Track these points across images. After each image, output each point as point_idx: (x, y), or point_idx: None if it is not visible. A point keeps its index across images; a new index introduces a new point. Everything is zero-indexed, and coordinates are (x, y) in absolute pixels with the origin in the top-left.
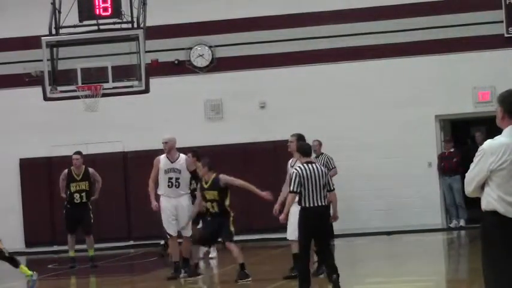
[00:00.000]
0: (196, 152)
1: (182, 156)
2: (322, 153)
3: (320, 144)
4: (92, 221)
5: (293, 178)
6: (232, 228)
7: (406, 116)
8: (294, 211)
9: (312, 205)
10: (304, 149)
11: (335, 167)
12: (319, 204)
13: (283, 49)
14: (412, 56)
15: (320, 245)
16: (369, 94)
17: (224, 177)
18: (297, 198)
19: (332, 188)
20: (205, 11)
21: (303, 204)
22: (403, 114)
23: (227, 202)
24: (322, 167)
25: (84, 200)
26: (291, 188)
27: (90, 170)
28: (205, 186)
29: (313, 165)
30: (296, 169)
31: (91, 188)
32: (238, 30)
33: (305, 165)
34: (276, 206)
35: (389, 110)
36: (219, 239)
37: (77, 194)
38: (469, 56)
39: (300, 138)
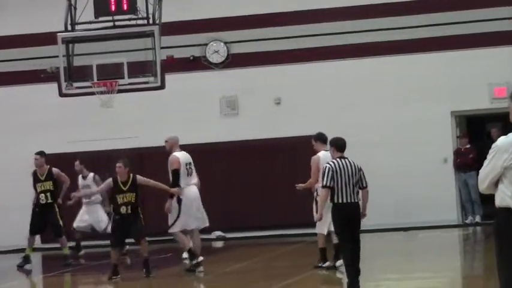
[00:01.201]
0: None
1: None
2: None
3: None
4: (61, 222)
5: (326, 172)
6: (142, 223)
7: (422, 112)
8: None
9: (344, 201)
10: (339, 144)
11: None
12: (352, 200)
13: (299, 45)
14: (428, 52)
15: (355, 241)
16: (385, 90)
17: (140, 178)
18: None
19: (365, 185)
20: (220, 7)
21: (335, 201)
22: (419, 111)
23: (139, 201)
24: (356, 163)
25: (50, 200)
26: (324, 183)
27: (54, 170)
28: (124, 188)
29: (346, 160)
30: (329, 163)
31: (56, 188)
32: (254, 27)
33: (338, 160)
34: (300, 185)
35: (405, 107)
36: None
37: (42, 194)
38: (485, 52)
39: (318, 137)
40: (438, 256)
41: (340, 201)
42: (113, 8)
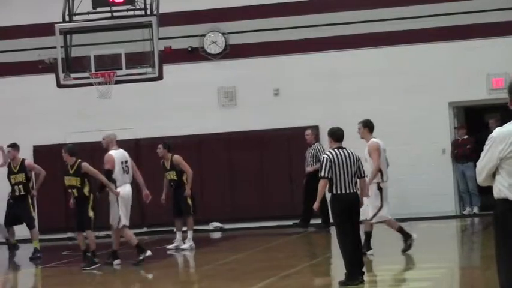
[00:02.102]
0: (167, 144)
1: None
2: (315, 143)
3: (312, 133)
4: (34, 214)
5: (323, 163)
6: (91, 214)
7: (419, 103)
8: (372, 191)
9: (343, 192)
10: (337, 134)
11: None
12: (350, 191)
13: (297, 36)
14: (426, 43)
15: (354, 232)
16: (383, 81)
17: (85, 165)
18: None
19: (363, 175)
20: None
21: (334, 191)
22: (417, 101)
23: (86, 189)
24: (354, 153)
25: (23, 192)
26: (322, 174)
27: (27, 162)
28: (71, 171)
29: (344, 150)
30: (327, 154)
31: (29, 181)
32: (252, 17)
33: (336, 150)
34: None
35: (403, 97)
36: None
37: (16, 186)
38: (482, 43)
39: (367, 124)
40: (436, 247)
41: (339, 191)
42: None
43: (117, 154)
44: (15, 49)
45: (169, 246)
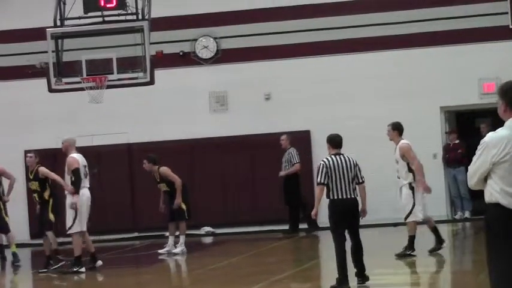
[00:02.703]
0: (151, 157)
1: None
2: (289, 148)
3: (287, 139)
4: (7, 219)
5: (320, 170)
6: (51, 217)
7: (411, 107)
8: (404, 192)
9: (339, 197)
10: (335, 140)
11: (298, 162)
12: (347, 196)
13: (288, 41)
14: (417, 48)
15: (351, 239)
16: (374, 86)
17: (42, 169)
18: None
19: (361, 181)
20: (210, 2)
21: (331, 197)
22: (408, 106)
23: (46, 193)
24: (352, 159)
25: None
26: (318, 180)
27: None
28: (31, 177)
29: (342, 156)
30: (323, 160)
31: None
32: (243, 22)
33: (333, 156)
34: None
35: (394, 102)
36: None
37: None
38: (474, 48)
39: (397, 126)
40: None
41: (335, 197)
42: (102, 3)
43: (79, 157)
44: (7, 54)
45: (160, 251)
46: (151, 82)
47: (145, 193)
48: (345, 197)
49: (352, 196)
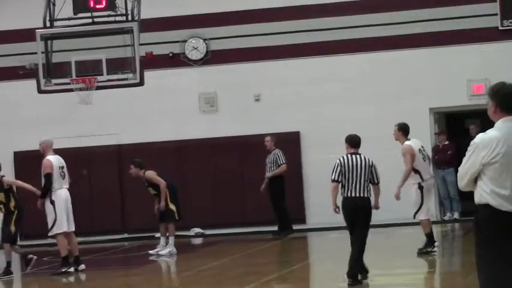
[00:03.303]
0: (137, 162)
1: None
2: (274, 149)
3: (272, 140)
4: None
5: (334, 168)
6: (12, 229)
7: (400, 108)
8: (413, 192)
9: (350, 195)
10: (353, 140)
11: (284, 163)
12: (358, 195)
13: (278, 42)
14: (406, 49)
15: (356, 236)
16: (364, 87)
17: (6, 179)
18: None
19: (376, 182)
20: (199, 3)
21: (344, 195)
22: (398, 107)
23: (12, 203)
24: (368, 160)
25: None
26: (332, 177)
27: None
28: None
29: (358, 156)
30: (339, 159)
31: None
32: (233, 23)
33: (349, 156)
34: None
35: (384, 103)
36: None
37: None
38: (463, 49)
39: (402, 127)
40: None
41: (347, 195)
42: (92, 4)
43: (54, 159)
44: None
45: (151, 252)
46: (141, 83)
47: (135, 194)
48: (356, 195)
49: (365, 195)
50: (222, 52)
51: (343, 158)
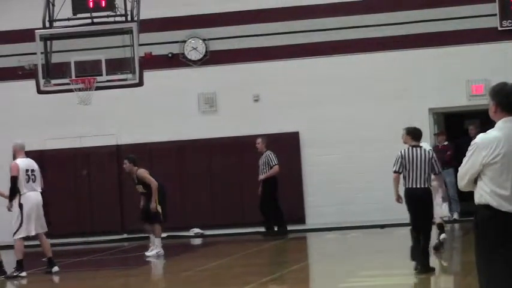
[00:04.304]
0: (132, 158)
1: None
2: (266, 151)
3: (263, 142)
4: None
5: (396, 159)
6: None
7: (399, 109)
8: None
9: (411, 186)
10: (415, 133)
11: (276, 164)
12: (419, 186)
13: (277, 42)
14: (406, 49)
15: (420, 226)
16: (363, 87)
17: None
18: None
19: (437, 172)
20: (198, 4)
21: (405, 185)
22: (397, 107)
23: None
24: (429, 152)
25: None
26: (393, 168)
27: None
28: None
29: (418, 149)
30: (400, 151)
31: None
32: (232, 24)
33: (410, 148)
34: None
35: (383, 103)
36: None
37: None
38: (462, 49)
39: (410, 131)
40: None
41: (408, 186)
42: (91, 4)
43: (22, 162)
44: None
45: (148, 254)
46: (140, 84)
47: (133, 194)
48: (417, 186)
49: (425, 186)
50: (221, 52)
51: (404, 150)
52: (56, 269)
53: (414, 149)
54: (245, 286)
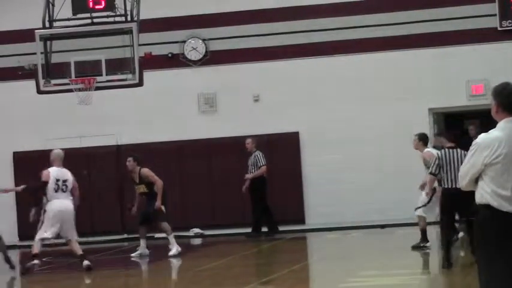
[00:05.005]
0: (136, 157)
1: None
2: (255, 151)
3: (253, 142)
4: None
5: (433, 161)
6: None
7: (399, 109)
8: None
9: (449, 186)
10: (451, 134)
11: (264, 165)
12: (455, 186)
13: (277, 42)
14: (406, 50)
15: (465, 222)
16: (363, 87)
17: None
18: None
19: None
20: (198, 4)
21: (443, 185)
22: (397, 108)
23: None
24: (464, 152)
25: None
26: (430, 170)
27: None
28: None
29: (455, 150)
30: (438, 153)
31: None
32: (232, 24)
33: (447, 150)
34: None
35: (383, 104)
36: None
37: None
38: (462, 49)
39: (422, 137)
40: (416, 253)
41: (446, 186)
42: (91, 4)
43: (55, 171)
44: None
45: (133, 254)
46: (140, 84)
47: (133, 194)
48: (453, 186)
49: None
50: (221, 52)
51: (441, 152)
52: (86, 263)
53: (451, 150)
54: (245, 286)
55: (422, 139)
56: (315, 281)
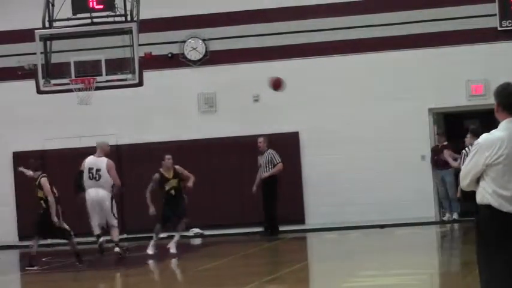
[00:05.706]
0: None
1: None
2: (268, 150)
3: (265, 141)
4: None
5: (462, 157)
6: None
7: (399, 109)
8: None
9: None
10: (477, 132)
11: (280, 162)
12: None
13: (277, 42)
14: (406, 49)
15: None
16: (363, 87)
17: None
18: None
19: None
20: (198, 3)
21: None
22: (397, 108)
23: None
24: None
25: None
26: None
27: None
28: None
29: None
30: (464, 150)
31: None
32: (232, 24)
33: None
34: None
35: (383, 103)
36: None
37: None
38: (462, 49)
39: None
40: (416, 253)
41: None
42: (91, 4)
43: (89, 160)
44: None
45: (169, 246)
46: (139, 84)
47: (134, 194)
48: None
49: None
50: (221, 52)
51: (468, 148)
52: (116, 249)
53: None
54: (245, 286)
55: (475, 134)
56: (315, 281)
